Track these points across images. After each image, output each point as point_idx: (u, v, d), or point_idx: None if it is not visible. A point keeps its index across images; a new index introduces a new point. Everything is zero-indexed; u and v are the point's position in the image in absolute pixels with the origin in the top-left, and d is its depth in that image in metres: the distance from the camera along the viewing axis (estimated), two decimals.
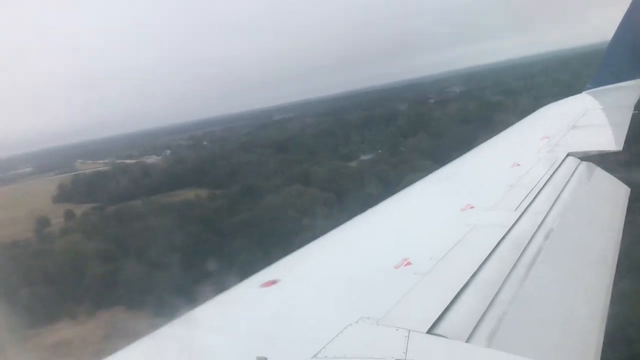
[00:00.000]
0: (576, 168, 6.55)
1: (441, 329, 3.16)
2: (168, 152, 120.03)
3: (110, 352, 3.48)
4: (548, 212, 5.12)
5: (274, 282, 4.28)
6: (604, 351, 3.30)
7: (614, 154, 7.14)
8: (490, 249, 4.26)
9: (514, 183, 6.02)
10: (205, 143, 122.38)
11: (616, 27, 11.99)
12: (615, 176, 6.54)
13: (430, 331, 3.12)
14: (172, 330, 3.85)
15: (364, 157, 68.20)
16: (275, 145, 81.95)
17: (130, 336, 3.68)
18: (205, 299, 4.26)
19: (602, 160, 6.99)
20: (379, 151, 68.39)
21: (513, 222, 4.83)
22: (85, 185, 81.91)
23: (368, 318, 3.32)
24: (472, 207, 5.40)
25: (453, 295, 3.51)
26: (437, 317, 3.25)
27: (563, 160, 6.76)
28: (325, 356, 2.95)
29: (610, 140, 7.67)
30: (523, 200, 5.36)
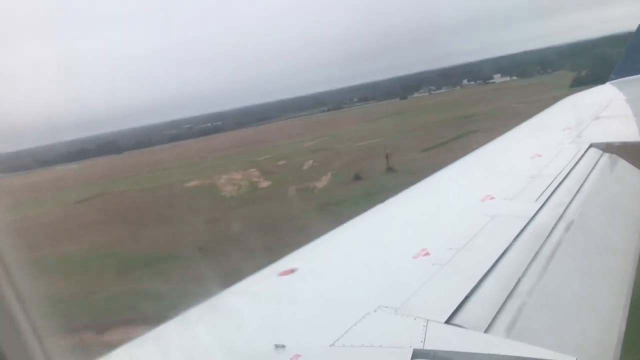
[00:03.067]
0: (598, 159, 6.45)
1: (460, 319, 3.15)
2: None
3: None
4: (569, 204, 5.06)
5: (291, 271, 4.30)
6: (625, 343, 3.27)
7: (638, 145, 7.02)
8: (510, 240, 4.22)
9: (535, 174, 5.96)
10: None
11: None
12: (639, 168, 6.43)
13: (448, 321, 3.12)
14: (190, 317, 3.89)
15: None
16: None
17: None
18: (224, 287, 4.30)
19: (625, 151, 6.87)
20: None
21: (534, 213, 4.78)
22: None
23: (386, 307, 3.32)
24: (492, 198, 5.35)
25: (472, 286, 3.50)
26: (455, 307, 3.24)
27: (585, 151, 6.66)
28: (343, 344, 2.96)
29: (633, 131, 7.55)
30: (544, 191, 5.30)
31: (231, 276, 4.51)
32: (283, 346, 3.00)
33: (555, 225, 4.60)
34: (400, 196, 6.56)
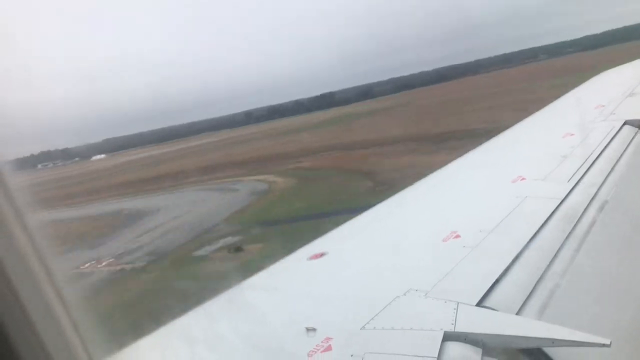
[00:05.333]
0: (633, 137, 6.29)
1: (491, 301, 3.14)
2: None
3: None
4: (603, 183, 4.96)
5: (321, 255, 4.33)
6: None
7: None
8: (542, 221, 4.17)
9: (567, 153, 5.85)
10: None
11: None
12: None
13: (479, 304, 3.10)
14: (223, 301, 3.96)
15: None
16: None
17: None
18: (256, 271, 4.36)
19: None
20: None
21: (566, 193, 4.70)
22: None
23: (417, 290, 3.33)
24: (523, 179, 5.28)
25: (503, 268, 3.47)
26: (486, 289, 3.23)
27: (619, 130, 6.50)
28: (374, 327, 2.98)
29: None
30: (576, 171, 5.20)
31: None
32: (314, 329, 3.03)
33: (588, 205, 4.52)
34: (430, 178, 6.52)
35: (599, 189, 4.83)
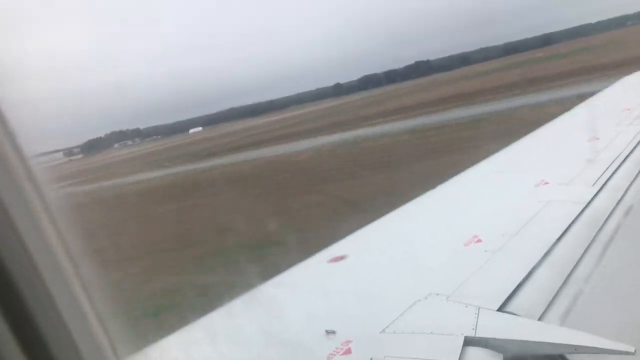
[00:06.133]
0: None
1: (512, 306, 3.11)
2: None
3: None
4: (628, 188, 4.88)
5: (342, 258, 4.34)
6: None
7: None
8: (565, 226, 4.12)
9: (592, 157, 5.77)
10: None
11: None
12: None
13: (501, 309, 3.08)
14: (244, 303, 3.99)
15: None
16: None
17: None
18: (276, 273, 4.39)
19: None
20: None
21: (590, 198, 4.64)
22: None
23: (437, 294, 3.31)
24: (546, 183, 5.22)
25: (525, 273, 3.44)
26: (508, 294, 3.20)
27: None
28: (394, 330, 2.98)
29: None
30: (601, 176, 5.13)
31: None
32: (334, 332, 3.04)
33: (613, 210, 4.45)
34: (453, 181, 6.49)
35: (624, 194, 4.76)
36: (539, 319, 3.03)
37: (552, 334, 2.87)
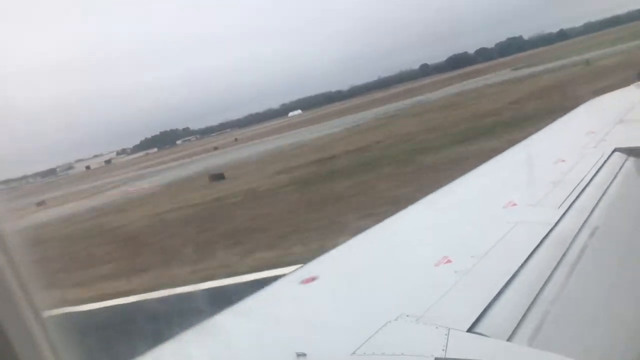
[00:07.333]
0: (623, 164, 6.35)
1: (482, 327, 3.13)
2: None
3: None
4: (593, 209, 4.99)
5: (312, 279, 4.31)
6: None
7: None
8: (533, 247, 4.18)
9: (558, 179, 5.89)
10: None
11: None
12: None
13: (470, 329, 3.10)
14: (212, 326, 3.93)
15: None
16: None
17: None
18: (245, 295, 4.33)
19: None
20: None
21: (557, 219, 4.73)
22: None
23: (407, 315, 3.32)
24: (514, 204, 5.30)
25: (494, 294, 3.47)
26: (477, 315, 3.22)
27: (609, 156, 6.57)
28: (364, 352, 2.96)
29: None
30: (567, 197, 5.24)
31: None
32: (304, 354, 3.01)
33: (579, 231, 4.54)
34: (421, 203, 6.54)
35: (589, 215, 4.86)
36: (508, 340, 3.06)
37: (520, 354, 2.90)
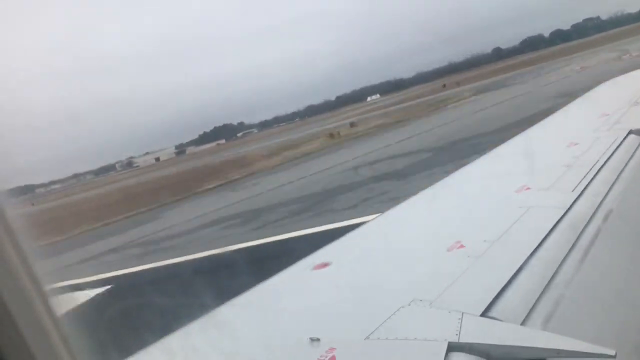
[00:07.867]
0: (638, 146, 6.28)
1: (495, 311, 3.13)
2: None
3: None
4: (607, 193, 4.95)
5: (325, 265, 4.33)
6: None
7: None
8: (547, 231, 4.16)
9: (571, 163, 5.84)
10: None
11: None
12: None
13: (484, 314, 3.10)
14: (227, 311, 3.96)
15: None
16: None
17: None
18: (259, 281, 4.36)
19: None
20: None
21: (570, 203, 4.69)
22: None
23: (421, 300, 3.32)
24: (527, 189, 5.27)
25: (507, 278, 3.46)
26: (491, 299, 3.22)
27: (624, 139, 6.49)
28: (378, 337, 2.98)
29: None
30: (581, 181, 5.19)
31: None
32: (318, 339, 3.03)
33: (593, 215, 4.50)
34: (434, 188, 6.52)
35: (603, 198, 4.82)
36: (522, 324, 3.05)
37: (534, 338, 2.89)
